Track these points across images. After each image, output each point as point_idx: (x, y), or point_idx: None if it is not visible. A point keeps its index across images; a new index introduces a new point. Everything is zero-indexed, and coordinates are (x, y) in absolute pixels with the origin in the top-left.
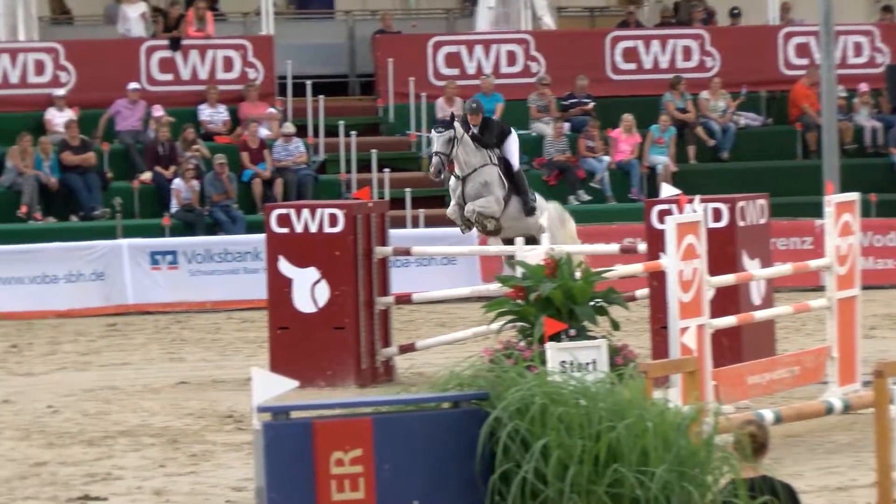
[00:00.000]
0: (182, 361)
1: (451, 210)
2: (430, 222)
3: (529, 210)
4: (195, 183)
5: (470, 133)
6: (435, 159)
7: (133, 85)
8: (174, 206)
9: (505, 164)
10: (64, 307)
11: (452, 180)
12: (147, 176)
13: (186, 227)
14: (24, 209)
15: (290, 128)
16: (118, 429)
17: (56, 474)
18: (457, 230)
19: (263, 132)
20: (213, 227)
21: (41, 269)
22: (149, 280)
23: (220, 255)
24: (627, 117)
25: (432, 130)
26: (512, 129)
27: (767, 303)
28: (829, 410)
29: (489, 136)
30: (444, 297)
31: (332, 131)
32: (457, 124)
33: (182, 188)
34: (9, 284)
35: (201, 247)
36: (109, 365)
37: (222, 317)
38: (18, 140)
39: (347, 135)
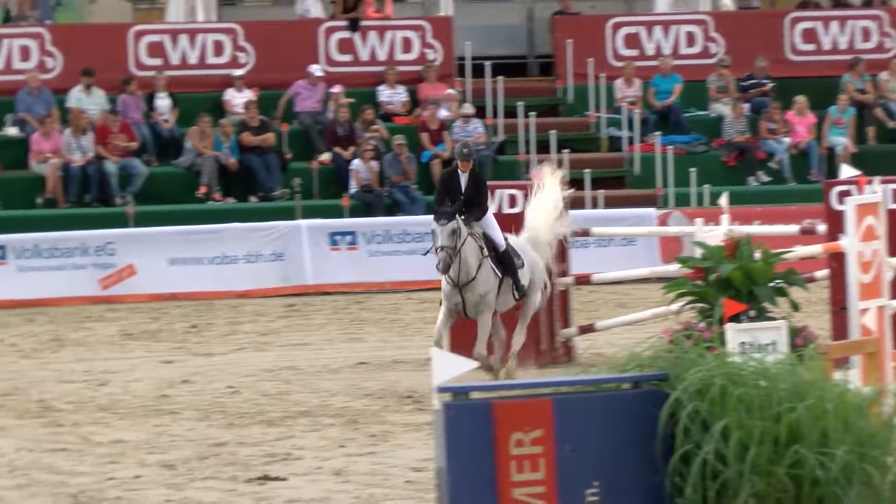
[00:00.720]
0: (361, 342)
1: (440, 323)
2: (610, 203)
3: (520, 293)
4: (374, 164)
5: (459, 203)
6: (442, 255)
7: (315, 68)
8: (353, 187)
9: (492, 247)
10: (243, 288)
11: (446, 286)
12: (326, 157)
13: (365, 207)
14: (203, 190)
15: (469, 109)
16: (298, 409)
17: (235, 454)
18: (637, 211)
19: (442, 113)
20: (392, 208)
21: (221, 249)
22: (328, 260)
23: (398, 236)
24: (800, 99)
25: (433, 222)
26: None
27: None
28: None
29: (479, 198)
30: (623, 277)
31: (510, 112)
32: (458, 219)
33: (361, 169)
34: (188, 265)
35: (380, 227)
36: (289, 345)
37: (401, 297)
38: (197, 121)
39: (526, 116)
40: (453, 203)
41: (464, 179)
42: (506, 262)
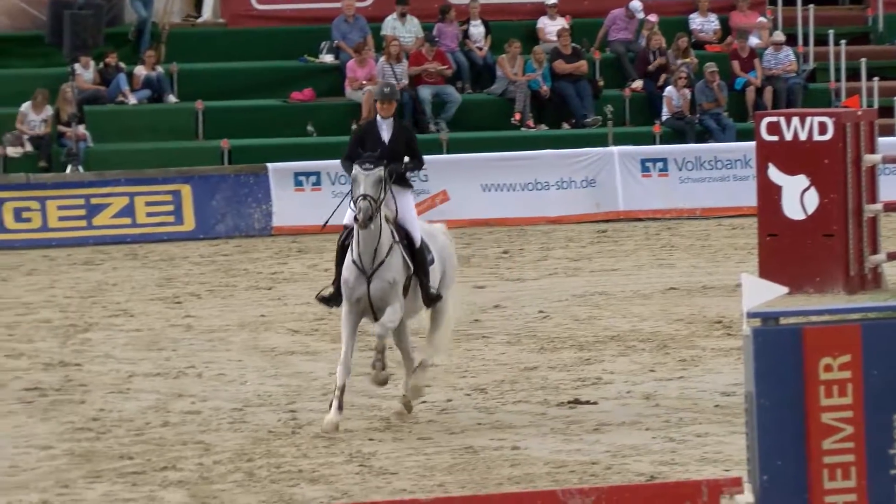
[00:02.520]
0: (672, 268)
1: (347, 337)
2: None
3: (430, 299)
4: (686, 91)
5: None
6: (364, 204)
7: (636, 6)
8: (665, 114)
9: (405, 236)
10: (555, 214)
11: (350, 274)
12: (638, 84)
13: (676, 134)
14: (517, 117)
15: (779, 36)
16: (608, 334)
17: (546, 378)
18: None
19: (753, 41)
20: (703, 135)
21: (533, 176)
22: (639, 187)
23: (709, 163)
24: None
25: (355, 166)
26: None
27: None
28: None
29: (409, 150)
30: None
31: (821, 40)
32: (384, 170)
33: (674, 96)
34: (501, 191)
35: (691, 154)
36: (599, 271)
37: (712, 223)
38: (507, 48)
39: (837, 44)
40: (351, 159)
41: (386, 128)
42: (418, 258)
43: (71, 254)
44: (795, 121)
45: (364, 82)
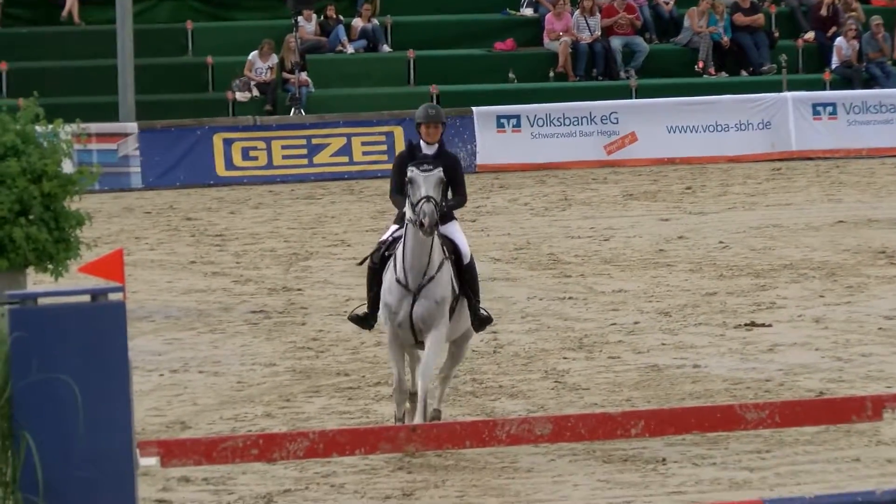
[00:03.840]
0: (839, 202)
1: (396, 363)
2: None
3: (481, 323)
4: (854, 42)
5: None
6: (428, 207)
7: None
8: (834, 63)
9: (454, 251)
10: (733, 153)
11: (391, 295)
12: (810, 35)
13: (845, 81)
14: (699, 65)
15: None
16: (781, 262)
17: (725, 303)
18: None
19: None
20: (869, 82)
21: (714, 118)
22: (811, 129)
23: (875, 107)
24: None
25: (411, 168)
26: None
27: None
28: None
29: (454, 182)
30: None
31: None
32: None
33: (843, 46)
34: (685, 133)
35: (858, 99)
36: (774, 205)
37: (876, 162)
38: (699, 2)
39: None
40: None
41: (430, 154)
42: (468, 278)
43: (293, 189)
44: None
45: (561, 33)
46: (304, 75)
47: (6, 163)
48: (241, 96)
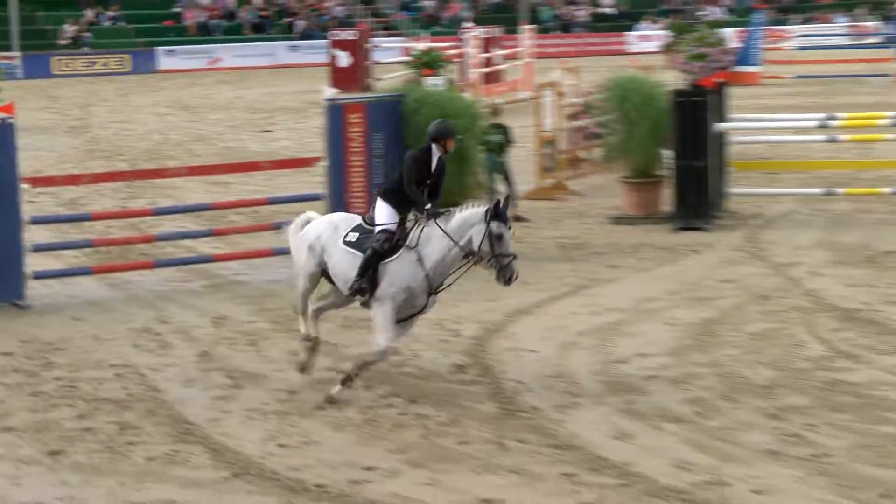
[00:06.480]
0: None
1: (393, 311)
2: None
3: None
4: None
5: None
6: (516, 265)
7: None
8: None
9: None
10: None
11: (422, 281)
12: None
13: None
14: None
15: None
16: None
17: None
18: None
19: None
20: None
21: None
22: None
23: None
24: None
25: (500, 224)
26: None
27: None
28: None
29: (439, 188)
30: None
31: None
32: None
33: None
34: None
35: None
36: None
37: None
38: None
39: None
40: (420, 187)
41: (434, 161)
42: None
43: None
44: None
45: None
46: None
47: None
48: None
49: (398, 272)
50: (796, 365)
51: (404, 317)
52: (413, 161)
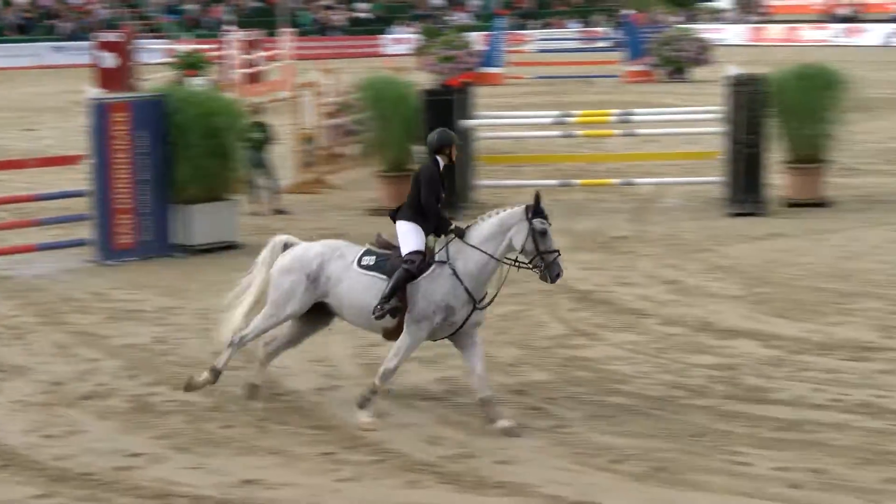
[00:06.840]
0: None
1: (421, 338)
2: None
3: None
4: None
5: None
6: (560, 260)
7: None
8: None
9: None
10: None
11: (463, 297)
12: None
13: None
14: None
15: None
16: None
17: None
18: None
19: None
20: None
21: None
22: None
23: None
24: None
25: (543, 221)
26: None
27: None
28: None
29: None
30: None
31: None
32: None
33: None
34: None
35: None
36: None
37: None
38: None
39: None
40: (439, 201)
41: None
42: None
43: None
44: None
45: None
46: None
47: None
48: None
49: (433, 289)
50: (538, 343)
51: (445, 335)
52: (431, 177)
